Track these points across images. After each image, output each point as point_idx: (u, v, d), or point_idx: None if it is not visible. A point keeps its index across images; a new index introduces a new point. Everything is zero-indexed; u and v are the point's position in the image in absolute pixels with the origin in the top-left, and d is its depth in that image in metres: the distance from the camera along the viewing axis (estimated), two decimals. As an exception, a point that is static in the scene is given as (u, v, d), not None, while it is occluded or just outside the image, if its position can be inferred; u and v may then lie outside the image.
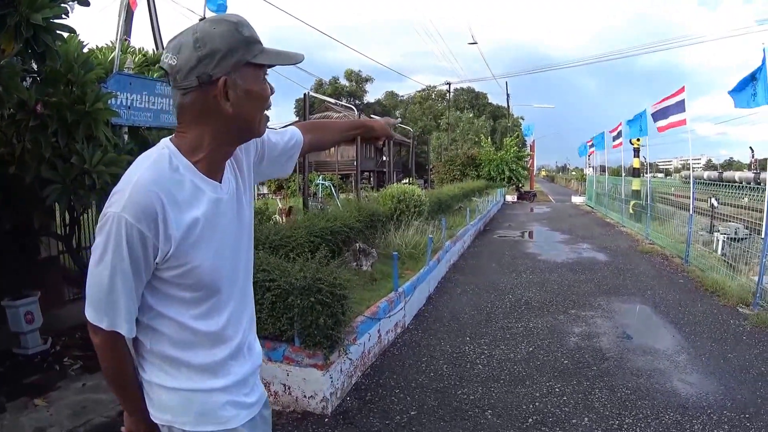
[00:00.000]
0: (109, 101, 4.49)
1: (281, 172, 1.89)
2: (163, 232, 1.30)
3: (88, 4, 4.06)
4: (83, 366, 5.10)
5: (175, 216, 1.33)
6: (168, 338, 1.42)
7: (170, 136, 1.45)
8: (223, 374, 1.50)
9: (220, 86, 1.32)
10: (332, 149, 31.37)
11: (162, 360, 1.44)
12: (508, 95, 46.94)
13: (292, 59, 1.45)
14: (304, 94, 11.59)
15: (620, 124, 18.82)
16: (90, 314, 1.36)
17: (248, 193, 1.61)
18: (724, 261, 8.81)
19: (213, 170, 1.43)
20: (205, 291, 1.43)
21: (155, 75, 6.22)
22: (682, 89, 11.98)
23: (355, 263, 7.05)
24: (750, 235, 9.17)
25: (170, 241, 1.32)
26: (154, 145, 4.56)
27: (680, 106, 11.74)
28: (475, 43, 39.37)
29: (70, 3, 3.90)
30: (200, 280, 1.40)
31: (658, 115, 12.46)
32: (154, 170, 1.33)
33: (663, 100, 12.25)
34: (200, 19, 1.27)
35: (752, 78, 8.23)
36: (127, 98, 5.00)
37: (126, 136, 5.13)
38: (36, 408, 4.28)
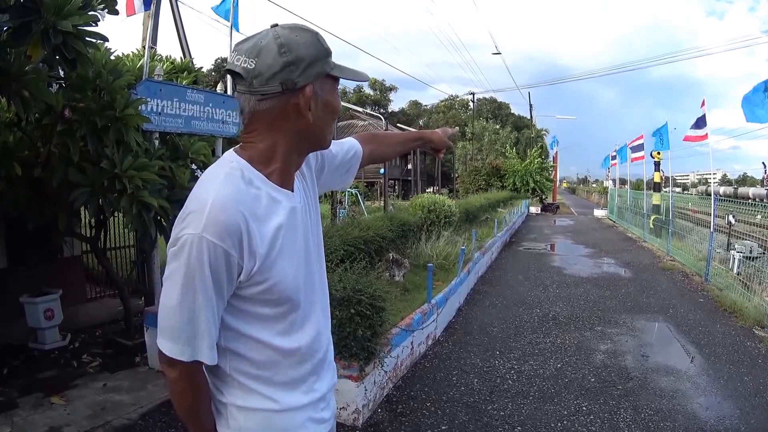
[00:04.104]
0: (139, 107, 4.55)
1: (340, 185, 1.85)
2: (247, 249, 1.24)
3: (117, 13, 4.16)
4: (102, 364, 5.14)
5: (258, 231, 1.26)
6: (249, 359, 1.35)
7: (234, 148, 1.39)
8: (304, 391, 1.45)
9: (309, 95, 1.30)
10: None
11: (242, 382, 1.37)
12: (531, 105, 46.89)
13: (359, 76, 1.44)
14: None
15: (641, 137, 18.81)
16: (167, 347, 1.26)
17: (316, 202, 1.58)
18: (740, 280, 8.79)
19: (286, 180, 1.38)
20: (288, 305, 1.36)
21: (185, 82, 6.35)
22: (702, 103, 12.01)
23: (388, 273, 7.18)
24: (764, 253, 9.12)
25: (254, 257, 1.26)
26: (185, 151, 5.00)
27: (702, 120, 11.79)
28: (499, 53, 39.33)
29: (100, 11, 3.96)
30: (283, 294, 1.33)
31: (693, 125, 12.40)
32: (231, 185, 1.25)
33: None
34: (272, 26, 1.29)
35: (765, 89, 8.19)
36: (157, 104, 5.07)
37: (157, 142, 5.21)
38: (52, 406, 4.26)
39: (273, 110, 1.30)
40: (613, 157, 26.66)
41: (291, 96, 1.29)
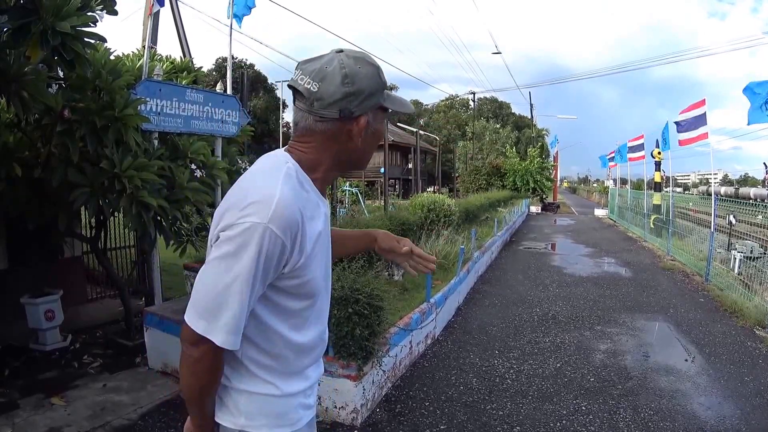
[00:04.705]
0: (139, 107, 4.55)
1: None
2: (299, 245, 1.32)
3: (115, 13, 4.13)
4: (102, 364, 5.13)
5: (309, 229, 1.35)
6: (262, 348, 1.42)
7: (285, 148, 1.47)
8: (302, 378, 1.53)
9: (362, 125, 1.40)
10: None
11: (251, 369, 1.42)
12: (531, 105, 46.65)
13: (406, 108, 1.55)
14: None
15: (642, 136, 18.79)
16: (198, 324, 1.29)
17: None
18: (741, 280, 8.79)
19: (322, 189, 1.50)
20: (311, 301, 1.46)
21: (184, 82, 6.32)
22: (703, 102, 11.87)
23: (387, 272, 7.19)
24: (765, 254, 9.12)
25: (302, 252, 1.34)
26: (184, 150, 5.08)
27: (702, 120, 11.71)
28: (499, 52, 39.16)
29: (99, 12, 3.96)
30: (312, 290, 1.43)
31: (680, 127, 12.42)
32: (292, 184, 1.34)
33: (685, 110, 12.23)
34: (337, 51, 1.35)
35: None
36: (156, 104, 5.07)
37: (156, 142, 5.21)
38: (52, 407, 4.26)
39: (327, 132, 1.39)
40: (611, 158, 26.67)
41: (346, 123, 1.39)
